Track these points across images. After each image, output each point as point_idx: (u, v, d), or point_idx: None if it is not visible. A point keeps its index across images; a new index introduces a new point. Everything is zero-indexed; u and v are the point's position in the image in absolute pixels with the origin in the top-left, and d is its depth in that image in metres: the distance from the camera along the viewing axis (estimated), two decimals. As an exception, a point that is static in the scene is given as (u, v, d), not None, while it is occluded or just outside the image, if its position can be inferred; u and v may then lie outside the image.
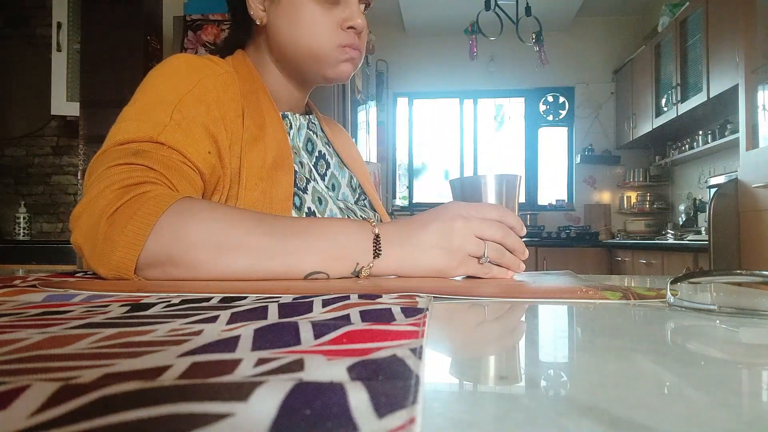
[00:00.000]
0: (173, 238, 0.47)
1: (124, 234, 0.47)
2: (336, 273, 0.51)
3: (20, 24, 3.35)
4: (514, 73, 4.83)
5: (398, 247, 0.52)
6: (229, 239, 0.48)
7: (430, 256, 0.52)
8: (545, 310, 0.36)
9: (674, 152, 4.01)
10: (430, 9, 4.35)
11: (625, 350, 0.24)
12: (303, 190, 0.69)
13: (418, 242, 0.52)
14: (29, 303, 0.34)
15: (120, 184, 0.50)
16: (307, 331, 0.23)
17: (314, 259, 0.50)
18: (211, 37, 2.38)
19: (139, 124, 0.58)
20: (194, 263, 0.48)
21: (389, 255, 0.52)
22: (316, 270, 0.50)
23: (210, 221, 0.49)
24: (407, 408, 0.13)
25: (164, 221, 0.48)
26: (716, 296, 0.46)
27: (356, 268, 0.51)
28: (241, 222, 0.50)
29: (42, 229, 3.34)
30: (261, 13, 0.72)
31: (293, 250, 0.49)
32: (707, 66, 3.06)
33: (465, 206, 0.55)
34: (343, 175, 0.81)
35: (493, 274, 0.54)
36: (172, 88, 0.62)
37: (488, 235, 0.53)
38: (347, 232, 0.51)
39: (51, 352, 0.20)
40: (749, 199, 2.50)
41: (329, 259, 0.50)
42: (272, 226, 0.50)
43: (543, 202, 4.89)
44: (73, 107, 2.88)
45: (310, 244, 0.50)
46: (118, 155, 0.54)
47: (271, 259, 0.48)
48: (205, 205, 0.51)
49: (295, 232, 0.50)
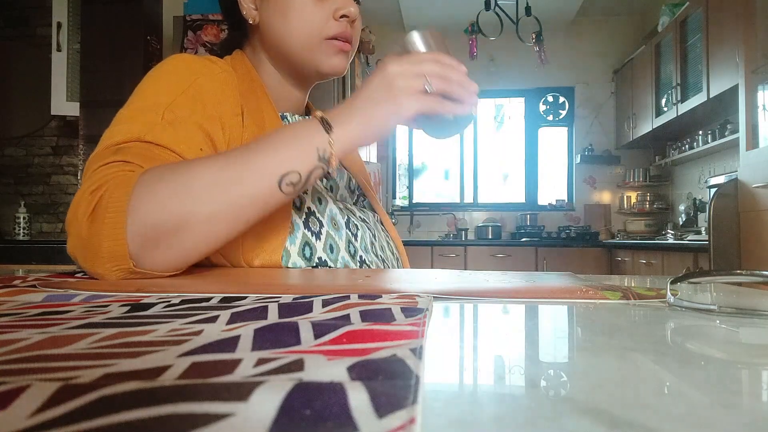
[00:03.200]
0: (149, 210, 0.48)
1: (104, 227, 0.48)
2: (304, 167, 0.53)
3: (20, 24, 3.35)
4: (514, 73, 4.83)
5: (349, 116, 0.55)
6: (196, 184, 0.50)
7: (380, 109, 0.55)
8: (545, 310, 0.36)
9: (674, 152, 4.01)
10: (430, 9, 4.35)
11: (625, 350, 0.24)
12: None
13: (365, 103, 0.55)
14: (29, 303, 0.34)
15: (94, 186, 0.51)
16: (307, 331, 0.23)
17: (278, 165, 0.52)
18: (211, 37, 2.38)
19: (130, 126, 0.58)
20: (177, 221, 0.49)
21: (345, 126, 0.54)
22: (286, 171, 0.52)
23: (173, 178, 0.50)
24: (407, 408, 0.13)
25: (135, 200, 0.48)
26: (716, 296, 0.46)
27: (320, 153, 0.53)
28: (200, 165, 0.51)
29: (42, 229, 3.34)
30: (253, 12, 0.72)
31: (257, 165, 0.51)
32: (707, 66, 3.06)
33: (397, 58, 0.57)
34: (341, 176, 0.81)
35: (447, 109, 0.56)
36: (167, 89, 0.62)
37: (425, 69, 0.55)
38: (293, 129, 0.54)
39: (51, 352, 0.20)
40: (749, 199, 2.50)
41: (290, 157, 0.52)
42: (228, 155, 0.53)
43: (543, 202, 4.89)
44: (73, 107, 2.88)
45: (270, 152, 0.52)
46: (102, 157, 0.55)
47: (242, 181, 0.51)
48: (163, 167, 0.52)
49: (250, 152, 0.52)
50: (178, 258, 0.51)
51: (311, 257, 0.65)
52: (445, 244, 4.48)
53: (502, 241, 4.49)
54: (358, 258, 0.71)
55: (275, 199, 0.53)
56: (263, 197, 0.52)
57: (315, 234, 0.66)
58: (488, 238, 4.60)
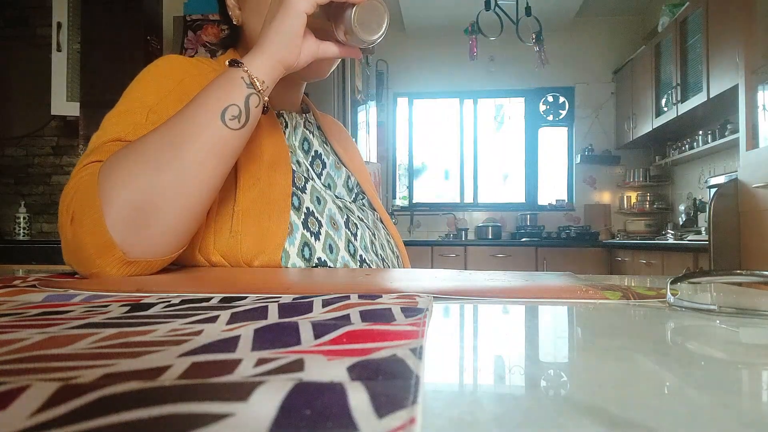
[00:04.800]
0: (118, 194, 0.49)
1: (83, 226, 0.49)
2: (237, 97, 0.54)
3: (20, 24, 3.35)
4: (514, 73, 4.83)
5: (258, 47, 0.57)
6: (151, 155, 0.51)
7: (278, 22, 0.56)
8: (545, 310, 0.36)
9: (674, 152, 4.01)
10: (430, 9, 4.35)
11: (625, 350, 0.24)
12: (302, 190, 0.69)
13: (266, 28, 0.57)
14: (29, 303, 0.34)
15: (71, 194, 0.51)
16: (307, 331, 0.23)
17: (214, 105, 0.53)
18: (211, 37, 2.38)
19: (115, 127, 0.59)
20: (150, 193, 0.50)
21: (256, 53, 0.56)
22: (223, 107, 0.53)
23: (126, 158, 0.51)
24: (407, 408, 0.13)
25: (102, 192, 0.49)
26: (716, 296, 0.46)
27: (246, 82, 0.55)
28: (147, 138, 0.53)
29: (42, 229, 3.34)
30: (237, 12, 0.72)
31: (196, 117, 0.53)
32: (707, 66, 3.06)
33: None
34: (339, 175, 0.80)
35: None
36: (154, 90, 0.63)
37: None
38: (215, 80, 0.56)
39: (51, 352, 0.20)
40: (749, 199, 2.50)
41: (221, 96, 0.54)
42: (168, 121, 0.54)
43: (543, 202, 4.89)
44: (73, 107, 2.88)
45: (200, 104, 0.53)
46: (83, 160, 0.56)
47: (189, 136, 0.52)
48: (118, 153, 0.53)
49: (186, 109, 0.54)
50: (166, 236, 0.51)
51: (311, 258, 0.65)
52: (445, 244, 4.48)
53: (502, 241, 4.50)
54: (358, 257, 0.70)
55: (227, 139, 0.54)
56: (214, 141, 0.53)
57: (314, 234, 0.66)
58: (488, 238, 4.61)
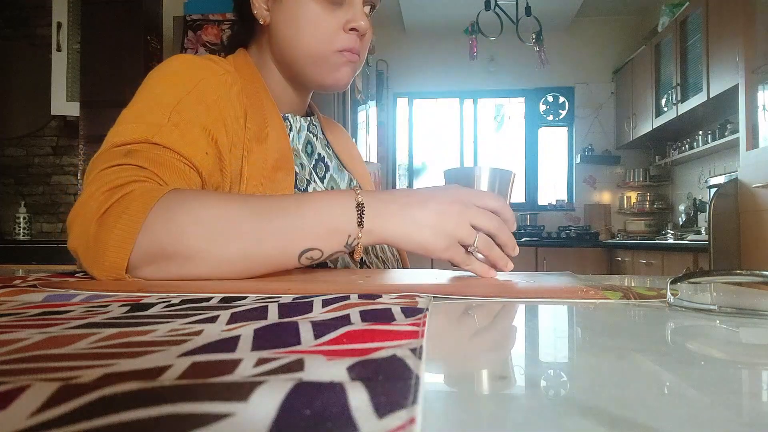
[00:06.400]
0: (163, 231, 0.47)
1: (113, 234, 0.47)
2: (328, 248, 0.51)
3: (20, 24, 3.35)
4: (514, 73, 4.83)
5: (392, 217, 0.52)
6: (218, 225, 0.48)
7: (421, 234, 0.52)
8: (545, 310, 0.36)
9: (674, 152, 4.01)
10: (430, 9, 4.35)
11: (625, 350, 0.24)
12: (303, 192, 0.69)
13: (414, 219, 0.52)
14: (29, 303, 0.34)
15: (109, 186, 0.50)
16: (307, 331, 0.23)
17: (303, 239, 0.50)
18: (211, 37, 2.38)
19: (135, 126, 0.57)
20: (187, 253, 0.47)
21: (382, 225, 0.52)
22: (310, 247, 0.50)
23: (199, 209, 0.49)
24: (407, 408, 0.13)
25: (153, 216, 0.47)
26: (716, 296, 0.46)
27: (349, 242, 0.51)
28: (229, 207, 0.50)
29: (42, 229, 3.34)
30: (264, 12, 0.71)
31: (283, 231, 0.49)
32: (707, 66, 3.06)
33: (466, 192, 0.54)
34: (342, 178, 0.81)
35: (473, 268, 0.54)
36: (171, 89, 0.62)
37: (483, 224, 0.53)
38: (330, 204, 0.51)
39: (51, 352, 0.20)
40: (749, 199, 2.50)
41: (318, 236, 0.50)
42: (260, 207, 0.50)
43: (543, 202, 4.89)
44: (73, 107, 2.88)
45: (299, 222, 0.50)
46: (110, 157, 0.54)
47: (262, 241, 0.49)
48: (192, 194, 0.51)
49: (284, 211, 0.50)
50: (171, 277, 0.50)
51: (311, 258, 0.64)
52: (445, 244, 4.47)
53: (502, 241, 4.49)
54: (359, 259, 0.70)
55: (289, 265, 0.51)
56: (279, 261, 0.50)
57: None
58: (488, 238, 4.60)
